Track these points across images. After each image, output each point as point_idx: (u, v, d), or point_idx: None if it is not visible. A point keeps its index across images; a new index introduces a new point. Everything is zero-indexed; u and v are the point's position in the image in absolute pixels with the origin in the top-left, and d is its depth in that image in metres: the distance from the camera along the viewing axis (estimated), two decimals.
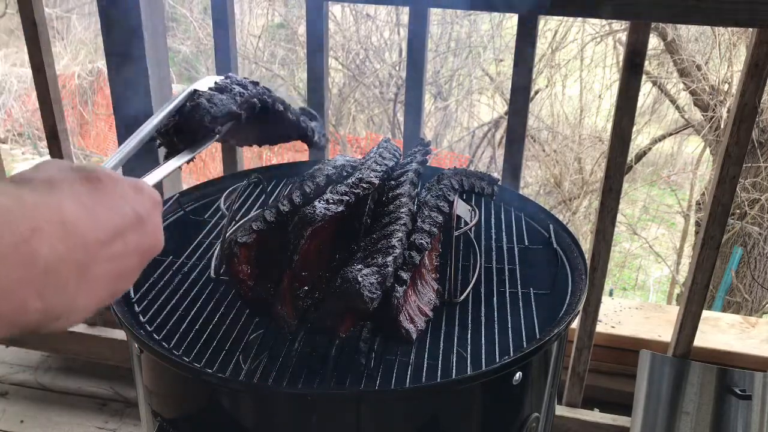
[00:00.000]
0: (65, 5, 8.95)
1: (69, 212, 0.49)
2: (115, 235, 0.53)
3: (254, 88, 0.99)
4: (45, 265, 0.46)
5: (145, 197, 0.59)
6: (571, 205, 7.01)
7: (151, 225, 0.59)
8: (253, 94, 0.96)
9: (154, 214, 0.60)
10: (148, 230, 0.58)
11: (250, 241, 0.99)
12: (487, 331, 1.09)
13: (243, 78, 1.01)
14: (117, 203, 0.55)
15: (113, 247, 0.53)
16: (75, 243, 0.49)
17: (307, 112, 1.20)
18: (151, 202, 0.60)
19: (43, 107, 1.92)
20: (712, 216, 1.72)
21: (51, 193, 0.50)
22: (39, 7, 1.80)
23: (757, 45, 1.53)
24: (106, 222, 0.53)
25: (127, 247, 0.55)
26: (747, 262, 5.57)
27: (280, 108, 1.04)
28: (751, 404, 1.82)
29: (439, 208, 1.20)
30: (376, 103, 7.95)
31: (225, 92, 0.92)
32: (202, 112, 0.83)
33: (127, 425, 2.15)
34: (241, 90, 0.95)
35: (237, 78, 0.99)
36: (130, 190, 0.57)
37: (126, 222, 0.55)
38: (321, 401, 0.93)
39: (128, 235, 0.55)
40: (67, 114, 5.15)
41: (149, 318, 1.11)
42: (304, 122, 1.12)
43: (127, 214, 0.55)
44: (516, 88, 1.71)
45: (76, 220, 0.49)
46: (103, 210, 0.53)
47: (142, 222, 0.57)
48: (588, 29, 6.66)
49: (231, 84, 0.95)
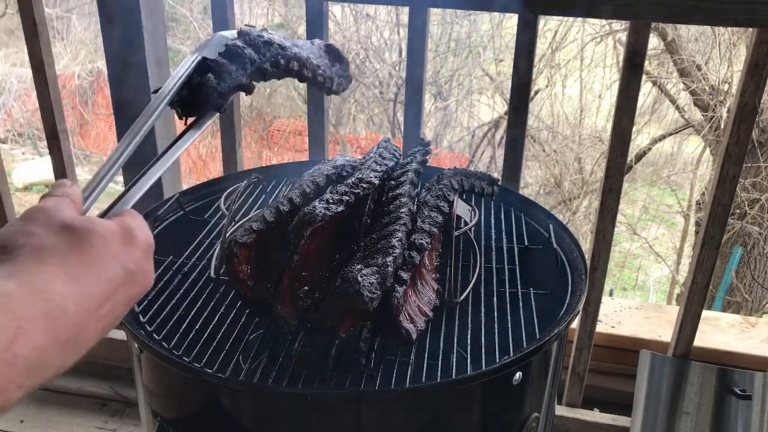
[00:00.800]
0: (65, 5, 8.94)
1: (57, 294, 0.49)
2: (104, 300, 0.53)
3: (267, 50, 0.92)
4: (26, 363, 0.46)
5: (136, 248, 0.57)
6: (571, 205, 7.01)
7: (141, 274, 0.57)
8: (266, 59, 0.90)
9: (145, 261, 0.58)
10: (138, 280, 0.57)
11: (250, 241, 0.99)
12: (487, 331, 1.09)
13: (258, 32, 0.93)
14: (107, 267, 0.53)
15: (102, 310, 0.53)
16: (61, 327, 0.48)
17: (332, 52, 1.12)
18: (142, 251, 0.58)
19: (43, 107, 1.92)
20: (712, 216, 1.72)
21: (38, 270, 0.49)
22: (39, 7, 1.80)
23: (757, 45, 1.53)
24: (97, 292, 0.52)
25: (115, 304, 0.54)
26: (747, 262, 5.57)
27: (295, 68, 0.97)
28: (751, 404, 1.82)
29: (439, 208, 1.20)
30: (376, 103, 7.95)
31: (235, 60, 0.86)
32: (209, 90, 0.80)
33: (127, 425, 2.15)
34: (253, 55, 0.89)
35: (251, 34, 0.92)
36: (121, 245, 0.56)
37: (116, 284, 0.54)
38: (321, 401, 0.93)
39: (118, 294, 0.54)
40: (67, 114, 5.15)
41: (149, 318, 1.11)
42: (320, 76, 1.04)
43: (117, 275, 0.54)
44: (516, 88, 1.71)
45: (64, 302, 0.49)
46: (93, 279, 0.52)
47: (131, 276, 0.56)
48: (588, 29, 6.66)
49: (243, 47, 0.89)
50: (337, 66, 1.12)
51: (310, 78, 1.02)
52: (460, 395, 0.98)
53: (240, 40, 0.90)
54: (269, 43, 0.92)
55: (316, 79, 1.03)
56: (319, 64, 1.04)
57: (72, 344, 0.50)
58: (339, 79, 1.11)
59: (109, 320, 0.54)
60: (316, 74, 1.03)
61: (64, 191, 0.59)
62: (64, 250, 0.51)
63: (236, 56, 0.86)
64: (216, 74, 0.82)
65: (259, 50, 0.90)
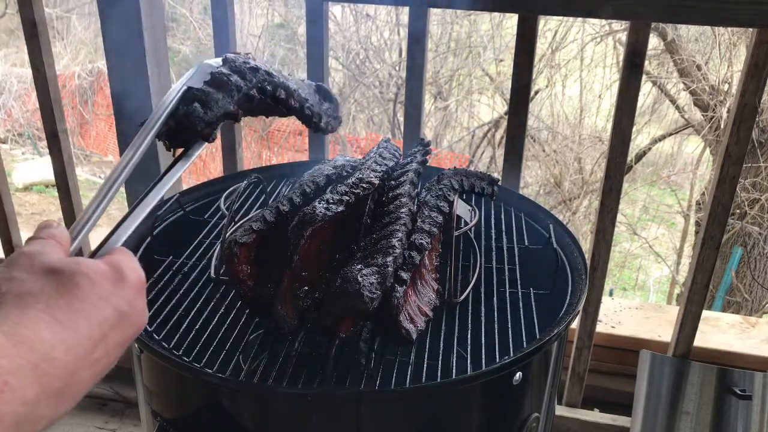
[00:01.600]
0: (65, 5, 8.95)
1: (44, 343, 0.46)
2: (96, 344, 0.50)
3: (254, 76, 0.91)
4: (15, 420, 0.44)
5: (126, 288, 0.55)
6: (571, 205, 7.01)
7: (134, 315, 0.55)
8: (252, 85, 0.90)
9: (137, 300, 0.56)
10: (132, 320, 0.55)
11: (250, 241, 0.99)
12: (487, 331, 1.09)
13: (243, 58, 0.92)
14: (97, 309, 0.51)
15: (94, 355, 0.50)
16: (51, 377, 0.46)
17: (323, 91, 1.11)
18: (134, 290, 0.56)
19: (43, 107, 1.92)
20: (712, 216, 1.72)
21: (22, 318, 0.46)
22: (39, 7, 1.80)
23: (757, 45, 1.53)
24: (87, 336, 0.50)
25: (108, 347, 0.52)
26: (747, 262, 5.57)
27: (282, 96, 0.96)
28: (751, 404, 1.82)
29: (439, 208, 1.20)
30: (376, 103, 7.95)
31: (221, 87, 0.85)
32: (196, 120, 0.79)
33: (127, 425, 2.15)
34: (239, 81, 0.88)
35: (237, 62, 0.91)
36: (111, 285, 0.53)
37: (108, 326, 0.52)
38: (321, 401, 0.93)
39: (110, 337, 0.52)
40: (67, 114, 5.15)
41: (149, 318, 1.11)
42: (308, 109, 1.04)
43: (108, 317, 0.52)
44: (516, 88, 1.71)
45: (51, 350, 0.47)
46: (83, 322, 0.50)
47: (124, 317, 0.54)
48: (588, 29, 6.66)
49: (229, 74, 0.88)
50: (327, 105, 1.11)
51: (298, 109, 1.01)
52: (460, 395, 0.98)
53: (225, 67, 0.89)
54: (255, 69, 0.92)
55: (304, 111, 1.02)
56: (307, 98, 1.03)
57: (64, 394, 0.48)
58: (328, 118, 1.11)
59: (103, 364, 0.52)
60: (303, 106, 1.02)
61: (49, 232, 0.56)
62: (50, 294, 0.49)
63: (222, 84, 0.85)
64: (202, 103, 0.81)
65: (245, 76, 0.89)
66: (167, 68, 1.95)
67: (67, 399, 0.49)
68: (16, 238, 2.15)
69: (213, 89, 0.84)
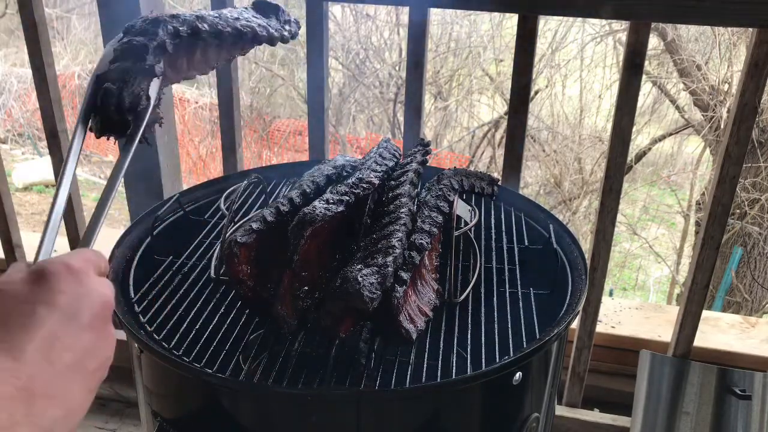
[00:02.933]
0: (65, 5, 8.94)
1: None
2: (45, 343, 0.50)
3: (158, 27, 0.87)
4: None
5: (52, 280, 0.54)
6: (571, 205, 7.01)
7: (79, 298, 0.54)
8: (160, 36, 0.85)
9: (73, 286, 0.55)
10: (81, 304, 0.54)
11: (250, 241, 0.99)
12: (487, 331, 1.09)
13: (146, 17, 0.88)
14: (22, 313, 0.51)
15: (52, 353, 0.50)
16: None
17: (261, 5, 1.07)
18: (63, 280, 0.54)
19: (43, 107, 1.92)
20: (712, 216, 1.72)
21: None
22: (39, 7, 1.80)
23: (757, 45, 1.53)
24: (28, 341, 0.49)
25: (63, 340, 0.52)
26: (747, 262, 5.57)
27: (204, 27, 0.91)
28: (751, 404, 1.82)
29: (439, 208, 1.20)
30: (376, 103, 7.95)
31: (128, 56, 0.81)
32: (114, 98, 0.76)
33: (127, 425, 2.15)
34: (142, 40, 0.84)
35: (135, 25, 0.87)
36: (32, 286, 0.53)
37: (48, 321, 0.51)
38: (321, 401, 0.93)
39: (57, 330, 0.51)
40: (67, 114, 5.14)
41: (149, 318, 1.11)
42: (245, 27, 0.98)
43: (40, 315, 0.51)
44: (516, 88, 1.71)
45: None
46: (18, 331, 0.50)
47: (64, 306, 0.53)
48: (588, 29, 6.66)
49: (130, 39, 0.84)
50: (273, 17, 1.07)
51: (233, 32, 0.96)
52: (460, 395, 0.98)
53: (126, 36, 0.86)
54: (156, 20, 0.88)
55: (241, 30, 0.97)
56: (238, 17, 0.99)
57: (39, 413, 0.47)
58: (279, 24, 1.07)
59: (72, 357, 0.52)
60: (237, 28, 0.97)
61: None
62: None
63: (127, 52, 0.82)
64: (114, 81, 0.78)
65: (148, 32, 0.86)
66: None
67: (55, 414, 0.48)
68: (16, 238, 2.15)
69: (119, 63, 0.81)
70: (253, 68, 7.83)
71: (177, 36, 0.88)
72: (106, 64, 0.82)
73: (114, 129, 0.78)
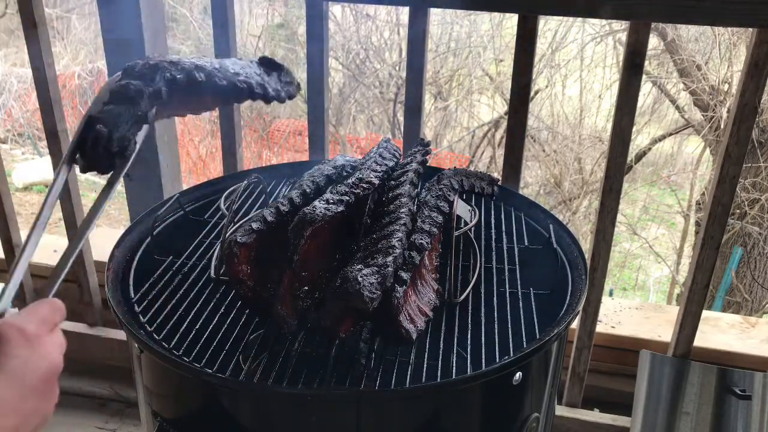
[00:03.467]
0: (65, 5, 8.94)
1: None
2: None
3: (156, 73, 0.88)
4: None
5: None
6: (571, 205, 7.01)
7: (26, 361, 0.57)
8: (156, 82, 0.87)
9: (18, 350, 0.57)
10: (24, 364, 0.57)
11: (250, 241, 0.99)
12: (487, 331, 1.09)
13: (143, 60, 0.89)
14: None
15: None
16: None
17: (266, 62, 1.07)
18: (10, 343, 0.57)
19: (43, 107, 1.92)
20: (712, 216, 1.72)
21: None
22: (39, 7, 1.80)
23: (757, 45, 1.53)
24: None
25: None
26: (747, 262, 5.57)
27: (201, 78, 0.92)
28: (751, 404, 1.82)
29: (439, 208, 1.20)
30: (376, 103, 7.95)
31: (122, 100, 0.83)
32: (105, 142, 0.78)
33: (127, 425, 2.15)
34: (139, 86, 0.85)
35: (135, 67, 0.88)
36: None
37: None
38: (321, 401, 0.93)
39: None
40: (67, 114, 5.14)
41: (149, 318, 1.11)
42: (242, 83, 0.99)
43: None
44: (516, 88, 1.71)
45: None
46: None
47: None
48: (588, 29, 6.66)
49: (127, 83, 0.85)
50: (275, 75, 1.08)
51: (228, 86, 0.96)
52: (460, 395, 0.98)
53: (124, 78, 0.87)
54: (155, 67, 0.89)
55: (237, 86, 0.98)
56: (238, 72, 0.99)
57: None
58: (278, 85, 1.07)
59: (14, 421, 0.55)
60: (234, 81, 0.97)
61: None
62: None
63: (122, 95, 0.84)
64: (105, 124, 0.80)
65: (145, 77, 0.87)
66: None
67: None
68: (16, 238, 2.15)
69: (114, 105, 0.83)
70: None
71: (174, 83, 0.89)
72: (100, 104, 0.83)
73: (99, 167, 0.81)
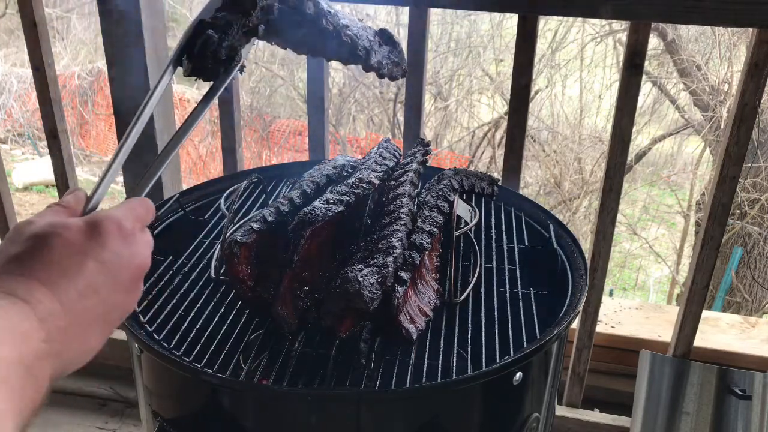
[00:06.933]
0: (65, 5, 8.95)
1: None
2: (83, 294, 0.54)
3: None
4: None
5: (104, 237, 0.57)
6: (571, 205, 7.01)
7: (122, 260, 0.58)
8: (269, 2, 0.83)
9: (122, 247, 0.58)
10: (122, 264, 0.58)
11: (250, 241, 0.99)
12: (487, 331, 1.09)
13: None
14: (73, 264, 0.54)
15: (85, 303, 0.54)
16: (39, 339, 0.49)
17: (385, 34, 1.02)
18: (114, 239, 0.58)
19: (43, 107, 1.92)
20: (712, 216, 1.72)
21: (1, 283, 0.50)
22: (39, 7, 1.80)
23: (757, 45, 1.53)
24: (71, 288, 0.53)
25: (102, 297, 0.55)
26: (747, 262, 5.56)
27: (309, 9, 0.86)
28: (751, 404, 1.82)
29: (439, 208, 1.20)
30: (376, 103, 7.95)
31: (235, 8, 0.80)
32: (213, 47, 0.75)
33: (127, 425, 2.15)
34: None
35: None
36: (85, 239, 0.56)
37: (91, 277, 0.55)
38: (321, 401, 0.93)
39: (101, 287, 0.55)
40: (67, 114, 5.14)
41: (149, 318, 1.11)
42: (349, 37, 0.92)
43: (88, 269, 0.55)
44: (516, 88, 1.71)
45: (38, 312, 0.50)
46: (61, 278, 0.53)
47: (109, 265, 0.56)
48: (588, 29, 6.66)
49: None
50: (386, 49, 1.03)
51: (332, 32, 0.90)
52: (460, 395, 0.98)
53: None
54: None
55: (341, 37, 0.92)
56: (348, 26, 0.93)
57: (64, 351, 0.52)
58: (387, 60, 1.02)
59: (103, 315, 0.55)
60: (340, 31, 0.91)
61: (64, 199, 0.62)
62: (26, 258, 0.53)
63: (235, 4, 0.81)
64: (216, 29, 0.77)
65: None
66: None
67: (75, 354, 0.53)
68: None
69: (226, 12, 0.80)
70: (253, 68, 7.83)
71: (285, 3, 0.86)
72: (212, 10, 0.81)
73: (204, 73, 0.78)
